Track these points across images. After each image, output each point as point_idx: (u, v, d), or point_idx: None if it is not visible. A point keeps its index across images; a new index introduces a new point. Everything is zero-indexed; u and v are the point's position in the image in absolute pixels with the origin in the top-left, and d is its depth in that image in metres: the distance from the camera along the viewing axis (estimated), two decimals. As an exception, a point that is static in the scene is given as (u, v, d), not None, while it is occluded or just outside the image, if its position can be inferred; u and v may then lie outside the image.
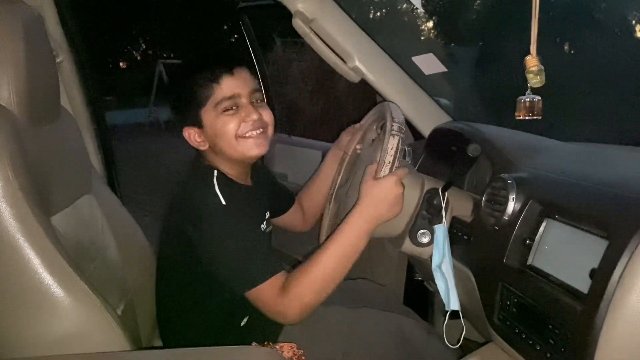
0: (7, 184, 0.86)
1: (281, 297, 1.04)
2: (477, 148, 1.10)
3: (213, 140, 1.16)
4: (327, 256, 1.07)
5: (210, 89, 1.13)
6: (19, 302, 0.90)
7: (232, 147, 1.15)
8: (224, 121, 1.13)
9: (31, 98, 0.97)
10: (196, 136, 1.17)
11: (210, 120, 1.14)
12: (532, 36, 0.89)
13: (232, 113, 1.14)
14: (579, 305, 0.78)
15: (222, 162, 1.18)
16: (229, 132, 1.14)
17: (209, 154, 1.19)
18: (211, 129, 1.15)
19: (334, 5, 1.52)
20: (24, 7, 1.00)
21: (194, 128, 1.16)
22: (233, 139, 1.14)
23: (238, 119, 1.14)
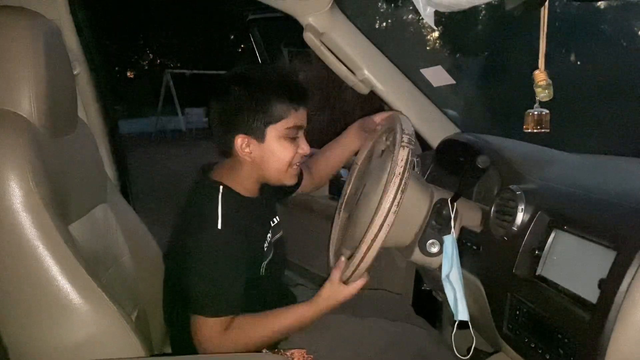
0: (28, 193, 0.88)
1: (220, 337, 1.11)
2: (486, 159, 1.12)
3: (263, 157, 1.17)
4: (274, 324, 1.17)
5: (288, 111, 1.15)
6: (39, 308, 0.92)
7: (278, 172, 1.19)
8: (285, 147, 1.16)
9: (51, 110, 0.99)
10: (248, 146, 1.16)
11: (273, 139, 1.16)
12: (540, 50, 0.90)
13: (291, 141, 1.17)
14: (588, 315, 0.80)
15: (241, 178, 1.20)
16: (285, 158, 1.17)
17: (235, 165, 1.20)
18: (269, 148, 1.16)
19: (344, 19, 1.55)
20: (43, 20, 1.02)
21: (251, 138, 1.15)
22: (285, 165, 1.18)
23: (295, 148, 1.18)
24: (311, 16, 1.49)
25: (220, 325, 1.11)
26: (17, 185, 0.87)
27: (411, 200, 1.16)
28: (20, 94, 0.94)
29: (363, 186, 1.32)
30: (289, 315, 1.18)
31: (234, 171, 1.21)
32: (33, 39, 0.96)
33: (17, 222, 0.88)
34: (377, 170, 1.25)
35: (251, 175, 1.20)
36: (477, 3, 0.86)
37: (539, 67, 0.91)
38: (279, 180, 1.21)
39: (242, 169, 1.20)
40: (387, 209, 1.01)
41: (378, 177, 1.19)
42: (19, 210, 0.87)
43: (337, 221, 1.43)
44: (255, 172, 1.20)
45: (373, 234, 1.01)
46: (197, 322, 1.12)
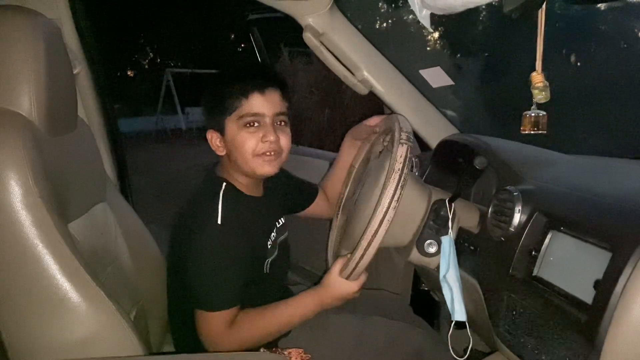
0: (27, 191, 0.89)
1: (226, 331, 1.12)
2: (483, 160, 1.12)
3: (230, 150, 1.20)
4: (277, 317, 1.18)
5: (238, 101, 1.17)
6: (38, 307, 0.92)
7: (246, 162, 1.19)
8: (244, 137, 1.18)
9: (51, 108, 1.00)
10: (217, 141, 1.21)
11: (231, 130, 1.19)
12: (537, 53, 0.91)
13: (253, 130, 1.18)
14: (583, 316, 0.80)
15: (236, 172, 1.22)
16: (247, 148, 1.18)
17: (225, 161, 1.24)
18: (230, 139, 1.19)
19: (343, 19, 1.55)
20: (44, 20, 1.03)
21: (216, 133, 1.21)
22: (249, 155, 1.18)
23: (257, 138, 1.18)
24: (311, 17, 1.50)
25: (225, 320, 1.12)
26: (17, 184, 0.88)
27: (409, 200, 1.16)
28: (20, 93, 0.95)
29: (361, 187, 1.32)
30: (292, 306, 1.19)
31: (226, 167, 1.24)
32: (33, 38, 0.96)
33: (17, 220, 0.88)
34: (375, 170, 1.25)
35: (236, 169, 1.22)
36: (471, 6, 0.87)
37: (536, 69, 0.91)
38: (251, 170, 1.20)
39: (226, 163, 1.24)
40: (387, 205, 1.01)
41: (376, 176, 1.20)
42: (18, 208, 0.88)
43: (335, 224, 1.43)
44: (235, 165, 1.21)
45: (373, 230, 1.01)
46: (201, 317, 1.13)
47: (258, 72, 1.25)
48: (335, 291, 1.16)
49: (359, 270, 1.09)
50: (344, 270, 1.12)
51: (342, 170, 1.49)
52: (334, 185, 1.52)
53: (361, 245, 1.03)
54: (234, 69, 1.28)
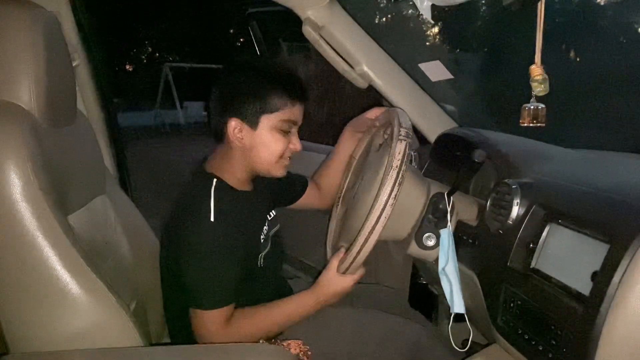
0: (27, 183, 0.89)
1: (222, 329, 1.12)
2: (482, 154, 1.13)
3: (253, 145, 1.17)
4: (275, 315, 1.19)
5: (285, 104, 1.15)
6: (38, 298, 0.93)
7: (267, 163, 1.19)
8: (277, 138, 1.17)
9: (50, 101, 1.00)
10: (240, 132, 1.16)
11: (265, 129, 1.16)
12: (536, 45, 0.91)
13: (284, 135, 1.18)
14: (581, 307, 0.81)
15: (234, 167, 1.20)
16: (275, 150, 1.17)
17: (228, 154, 1.20)
18: (260, 136, 1.16)
19: (343, 12, 1.55)
20: (43, 12, 1.02)
21: (244, 124, 1.16)
22: (275, 157, 1.18)
23: (286, 143, 1.18)
24: (310, 10, 1.50)
25: (220, 318, 1.12)
26: (17, 176, 0.88)
27: (408, 193, 1.16)
28: (20, 85, 0.95)
29: (360, 180, 1.33)
30: (290, 305, 1.20)
31: (227, 160, 1.20)
32: (32, 30, 0.96)
33: (17, 212, 0.88)
34: (375, 163, 1.26)
35: (241, 164, 1.20)
36: (473, -3, 0.87)
37: (535, 62, 0.91)
38: (267, 171, 1.21)
39: (233, 156, 1.19)
40: (385, 202, 1.02)
41: (375, 170, 1.20)
42: (18, 200, 0.88)
43: (335, 214, 1.44)
44: (245, 160, 1.19)
45: (370, 226, 1.02)
46: (196, 315, 1.13)
47: (301, 81, 1.21)
48: (332, 288, 1.17)
49: (356, 265, 1.10)
50: (342, 265, 1.13)
51: (339, 161, 1.49)
52: (329, 175, 1.51)
53: (358, 240, 1.04)
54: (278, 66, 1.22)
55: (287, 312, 1.20)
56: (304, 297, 1.20)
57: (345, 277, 1.16)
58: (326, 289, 1.18)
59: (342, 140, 1.49)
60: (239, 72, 1.19)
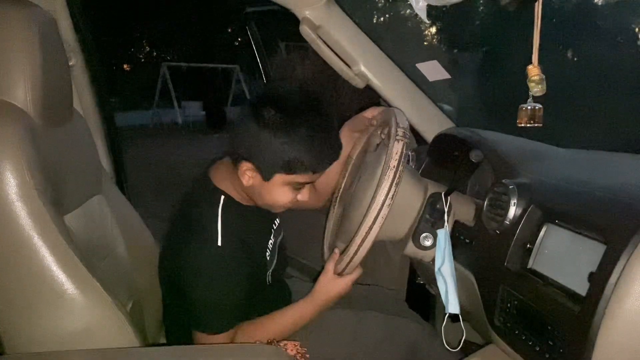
0: (23, 183, 0.88)
1: None
2: (479, 154, 1.13)
3: (259, 190, 1.11)
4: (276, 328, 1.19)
5: (303, 171, 1.07)
6: (33, 299, 0.92)
7: (267, 205, 1.16)
8: (286, 194, 1.11)
9: (46, 100, 0.99)
10: (250, 177, 1.09)
11: (276, 183, 1.09)
12: (534, 45, 0.91)
13: (294, 190, 1.12)
14: (577, 308, 0.81)
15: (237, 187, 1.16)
16: (280, 202, 1.13)
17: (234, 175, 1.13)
18: (268, 187, 1.10)
19: (340, 12, 1.55)
20: (39, 11, 1.02)
21: (256, 172, 1.08)
22: (278, 207, 1.16)
23: (294, 196, 1.13)
24: (308, 9, 1.49)
25: (225, 339, 1.12)
26: (12, 175, 0.87)
27: (405, 194, 1.17)
28: (16, 84, 0.94)
29: (358, 180, 1.33)
30: (289, 315, 1.20)
31: (233, 179, 1.15)
32: (29, 29, 0.96)
33: (12, 212, 0.88)
34: (372, 163, 1.26)
35: (242, 190, 1.16)
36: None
37: (533, 62, 0.91)
38: (266, 207, 1.18)
39: (237, 179, 1.13)
40: (382, 202, 1.02)
41: (373, 170, 1.20)
42: (13, 200, 0.88)
43: (332, 214, 1.43)
44: (247, 190, 1.15)
45: (367, 226, 1.02)
46: (199, 338, 1.12)
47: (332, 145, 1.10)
48: (330, 292, 1.18)
49: (352, 265, 1.10)
50: (338, 266, 1.13)
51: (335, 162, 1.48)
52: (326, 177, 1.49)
53: (355, 241, 1.04)
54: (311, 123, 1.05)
55: (287, 324, 1.20)
56: (302, 305, 1.20)
57: (342, 279, 1.16)
58: (324, 294, 1.18)
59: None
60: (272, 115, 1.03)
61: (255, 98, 1.11)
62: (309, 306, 1.20)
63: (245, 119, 1.06)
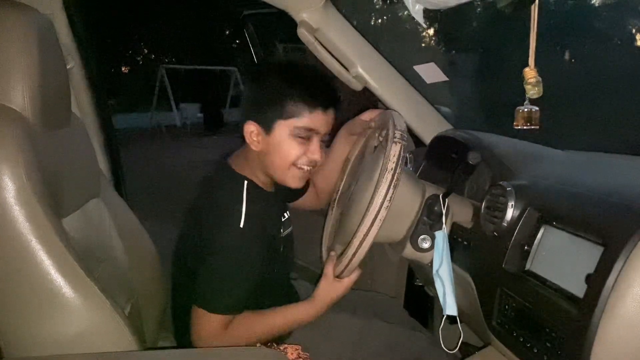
0: (21, 187, 0.88)
1: (221, 333, 1.11)
2: (476, 156, 1.13)
3: (268, 150, 1.16)
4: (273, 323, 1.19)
5: (300, 111, 1.12)
6: (32, 302, 0.92)
7: (280, 169, 1.17)
8: (292, 145, 1.14)
9: (44, 103, 0.99)
10: (256, 136, 1.15)
11: (280, 134, 1.14)
12: (530, 48, 0.91)
13: (302, 142, 1.15)
14: (575, 310, 0.81)
15: (256, 169, 1.20)
16: (289, 157, 1.15)
17: (251, 156, 1.19)
18: (274, 142, 1.14)
19: (337, 15, 1.55)
20: (37, 15, 1.02)
21: (260, 127, 1.15)
22: (288, 163, 1.16)
23: (303, 150, 1.15)
24: (305, 12, 1.50)
25: (223, 322, 1.11)
26: (10, 179, 0.87)
27: (403, 196, 1.17)
28: (13, 88, 0.94)
29: (356, 182, 1.33)
30: (289, 314, 1.20)
31: (249, 162, 1.20)
32: (26, 33, 0.96)
33: (10, 216, 0.88)
34: (370, 166, 1.26)
35: (260, 167, 1.19)
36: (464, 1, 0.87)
37: (529, 65, 0.92)
38: (281, 179, 1.19)
39: (253, 159, 1.19)
40: (379, 205, 1.02)
41: (370, 173, 1.20)
42: (11, 204, 0.87)
43: (330, 217, 1.44)
44: (262, 164, 1.19)
45: (365, 229, 1.02)
46: (198, 314, 1.11)
47: (326, 87, 1.18)
48: (330, 295, 1.18)
49: (351, 267, 1.10)
50: (337, 268, 1.14)
51: (333, 163, 1.48)
52: (325, 177, 1.50)
53: (354, 243, 1.04)
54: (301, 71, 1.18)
55: (285, 322, 1.20)
56: (302, 308, 1.21)
57: (341, 282, 1.17)
58: (324, 297, 1.19)
59: (336, 142, 1.49)
60: (263, 75, 1.19)
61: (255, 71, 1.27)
62: (311, 309, 1.20)
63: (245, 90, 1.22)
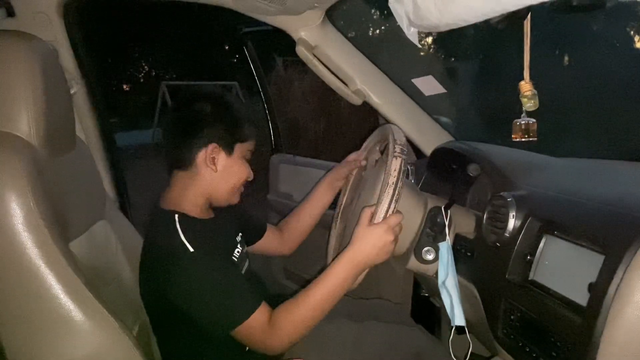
0: (29, 213, 0.90)
1: (269, 330, 1.08)
2: (477, 168, 1.14)
3: (223, 171, 1.19)
4: (315, 295, 1.09)
5: (252, 135, 1.22)
6: (41, 326, 0.93)
7: (231, 189, 1.22)
8: (243, 167, 1.22)
9: (49, 130, 1.01)
10: (215, 159, 1.17)
11: (237, 156, 1.20)
12: (524, 62, 0.93)
13: (246, 164, 1.23)
14: (579, 318, 0.82)
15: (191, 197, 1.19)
16: (241, 177, 1.22)
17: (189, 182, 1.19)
18: (231, 164, 1.20)
19: (335, 32, 1.57)
20: (40, 43, 1.04)
21: (221, 150, 1.18)
22: (238, 184, 1.23)
23: (247, 171, 1.23)
24: (303, 30, 1.52)
25: (262, 319, 1.08)
26: (18, 205, 0.89)
27: (406, 208, 1.18)
28: (19, 116, 0.96)
29: (358, 196, 1.34)
30: (327, 281, 1.10)
31: (186, 190, 1.19)
32: (30, 61, 0.98)
33: (19, 242, 0.89)
34: (371, 180, 1.27)
35: (201, 192, 1.19)
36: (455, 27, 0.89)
37: (524, 78, 0.93)
38: (225, 199, 1.23)
39: (192, 187, 1.18)
40: (382, 219, 1.03)
41: (372, 187, 1.22)
42: (20, 230, 0.89)
43: (334, 231, 1.44)
44: (207, 187, 1.19)
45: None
46: (240, 333, 1.09)
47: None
48: (369, 241, 1.07)
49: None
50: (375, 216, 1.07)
51: (310, 211, 1.51)
52: (296, 222, 1.54)
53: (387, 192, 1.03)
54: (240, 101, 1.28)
55: (326, 290, 1.09)
56: (338, 265, 1.10)
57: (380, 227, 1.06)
58: (363, 244, 1.08)
59: (318, 190, 1.50)
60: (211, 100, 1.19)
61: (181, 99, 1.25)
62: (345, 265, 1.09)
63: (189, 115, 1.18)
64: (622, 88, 3.33)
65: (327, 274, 1.10)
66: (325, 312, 1.11)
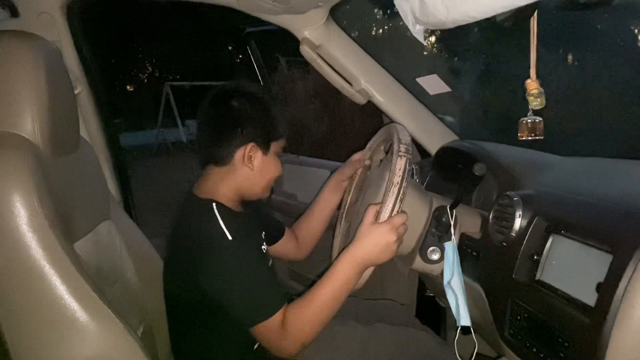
0: (33, 214, 0.90)
1: (282, 333, 1.08)
2: (482, 167, 1.13)
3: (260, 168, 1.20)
4: (320, 296, 1.09)
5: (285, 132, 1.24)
6: (46, 327, 0.93)
7: (265, 185, 1.24)
8: (277, 163, 1.24)
9: (54, 130, 1.01)
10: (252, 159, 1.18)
11: (272, 153, 1.22)
12: (531, 60, 0.92)
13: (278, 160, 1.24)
14: (587, 319, 0.81)
15: (225, 191, 1.19)
16: (275, 173, 1.24)
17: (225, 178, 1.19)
18: (267, 161, 1.21)
19: (339, 31, 1.57)
20: (44, 43, 1.04)
21: (258, 149, 1.19)
22: (272, 180, 1.24)
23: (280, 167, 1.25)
24: (307, 30, 1.52)
25: (278, 321, 1.08)
26: (23, 207, 0.89)
27: (411, 208, 1.17)
28: (23, 117, 0.96)
29: (363, 196, 1.33)
30: (331, 280, 1.09)
31: (219, 184, 1.19)
32: (34, 62, 0.98)
33: (24, 243, 0.89)
34: (376, 180, 1.26)
35: (235, 187, 1.20)
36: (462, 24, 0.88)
37: (531, 77, 0.92)
38: (259, 194, 1.24)
39: (227, 181, 1.19)
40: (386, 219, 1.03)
41: (377, 186, 1.21)
42: (25, 231, 0.89)
43: (339, 230, 1.44)
44: (242, 183, 1.20)
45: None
46: (258, 330, 1.09)
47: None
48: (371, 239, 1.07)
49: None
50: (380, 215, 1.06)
51: (320, 213, 1.51)
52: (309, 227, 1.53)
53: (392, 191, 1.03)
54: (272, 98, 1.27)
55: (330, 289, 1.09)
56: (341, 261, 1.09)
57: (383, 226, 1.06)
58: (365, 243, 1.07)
59: (325, 192, 1.50)
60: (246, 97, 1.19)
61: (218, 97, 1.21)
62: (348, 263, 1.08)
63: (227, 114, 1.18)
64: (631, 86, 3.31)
65: (330, 273, 1.10)
66: (332, 312, 1.10)
